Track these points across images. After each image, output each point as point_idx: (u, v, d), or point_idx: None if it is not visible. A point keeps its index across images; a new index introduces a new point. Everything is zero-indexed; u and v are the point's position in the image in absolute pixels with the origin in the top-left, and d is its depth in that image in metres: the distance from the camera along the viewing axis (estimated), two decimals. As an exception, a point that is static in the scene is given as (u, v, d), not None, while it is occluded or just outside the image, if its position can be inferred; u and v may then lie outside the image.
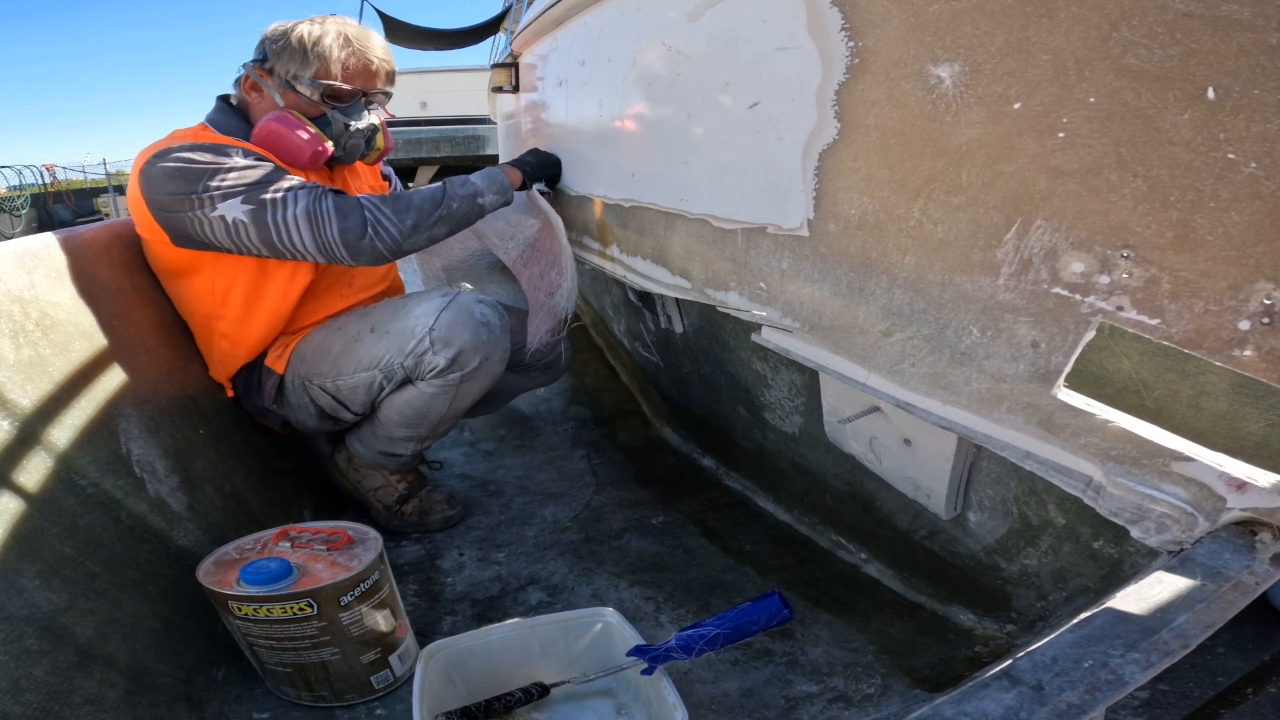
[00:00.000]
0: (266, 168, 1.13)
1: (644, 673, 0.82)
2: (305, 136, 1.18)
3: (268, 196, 1.10)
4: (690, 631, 0.83)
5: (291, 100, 1.20)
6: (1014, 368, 0.60)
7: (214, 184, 1.08)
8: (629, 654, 0.84)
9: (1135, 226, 0.49)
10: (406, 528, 1.38)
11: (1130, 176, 0.49)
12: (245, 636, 0.89)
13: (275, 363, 1.26)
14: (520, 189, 1.34)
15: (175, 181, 1.08)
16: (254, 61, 1.23)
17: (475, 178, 1.26)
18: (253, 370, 1.28)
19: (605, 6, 1.12)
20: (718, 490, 1.52)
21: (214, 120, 1.22)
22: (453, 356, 1.18)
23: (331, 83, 1.18)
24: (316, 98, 1.19)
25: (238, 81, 1.25)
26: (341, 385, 1.23)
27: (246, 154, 1.13)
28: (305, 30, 1.19)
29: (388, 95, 1.29)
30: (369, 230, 1.13)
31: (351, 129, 1.24)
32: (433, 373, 1.19)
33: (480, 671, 0.89)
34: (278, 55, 1.19)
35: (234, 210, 1.09)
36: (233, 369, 1.27)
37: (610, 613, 0.92)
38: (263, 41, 1.23)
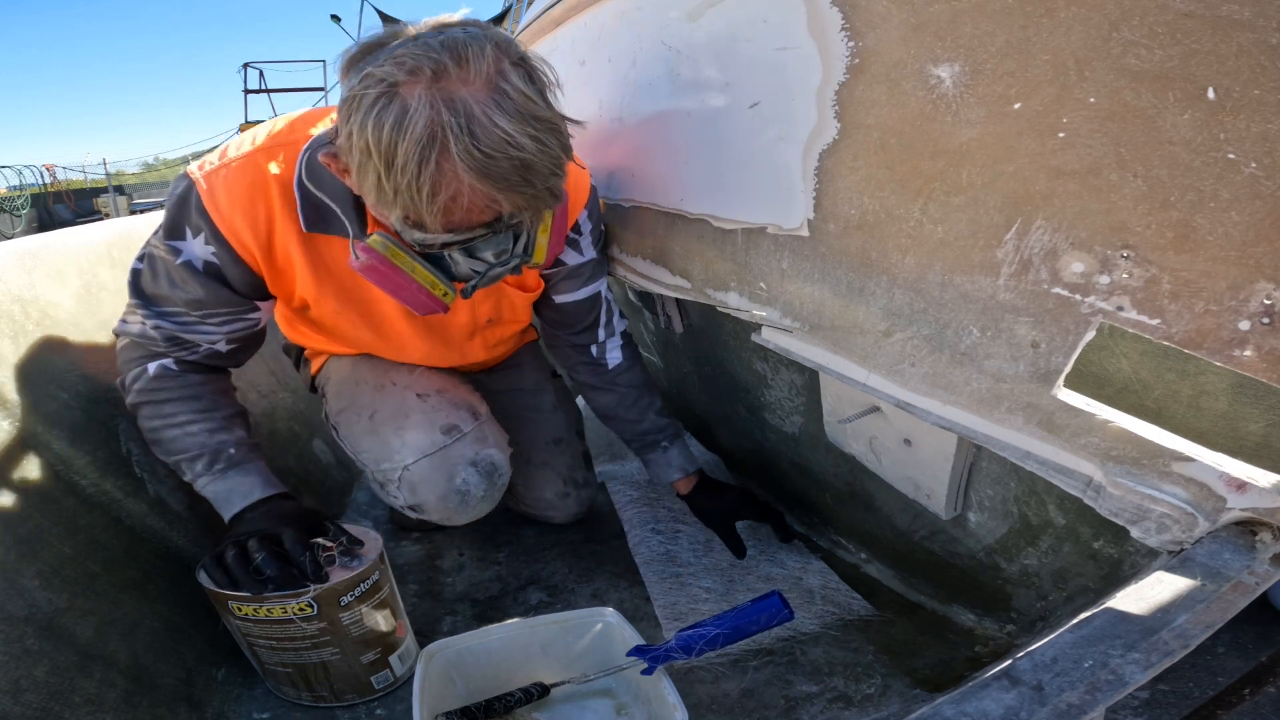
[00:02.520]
0: (193, 282, 0.87)
1: (644, 673, 0.82)
2: (408, 294, 0.84)
3: (153, 301, 0.90)
4: (690, 631, 0.83)
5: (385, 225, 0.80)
6: (1014, 368, 0.60)
7: (153, 241, 0.89)
8: (629, 654, 0.84)
9: (1135, 226, 0.49)
10: (407, 526, 1.38)
11: (1130, 176, 0.49)
12: (245, 637, 0.89)
13: (314, 357, 1.19)
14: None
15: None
16: (327, 142, 0.78)
17: (222, 485, 0.92)
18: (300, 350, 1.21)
19: (605, 7, 1.12)
20: (718, 490, 1.52)
21: (313, 166, 0.84)
22: (414, 505, 1.05)
23: (431, 238, 0.74)
24: (415, 248, 0.79)
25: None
26: (336, 426, 1.11)
27: (209, 243, 0.85)
28: (375, 131, 0.66)
29: (525, 216, 0.76)
30: (123, 377, 0.93)
31: (489, 266, 0.81)
32: (394, 500, 1.06)
33: (480, 671, 0.89)
34: (349, 153, 0.71)
35: (134, 264, 0.91)
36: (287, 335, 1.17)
37: (610, 613, 0.92)
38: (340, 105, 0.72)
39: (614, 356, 1.18)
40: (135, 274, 0.91)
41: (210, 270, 0.88)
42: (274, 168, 0.85)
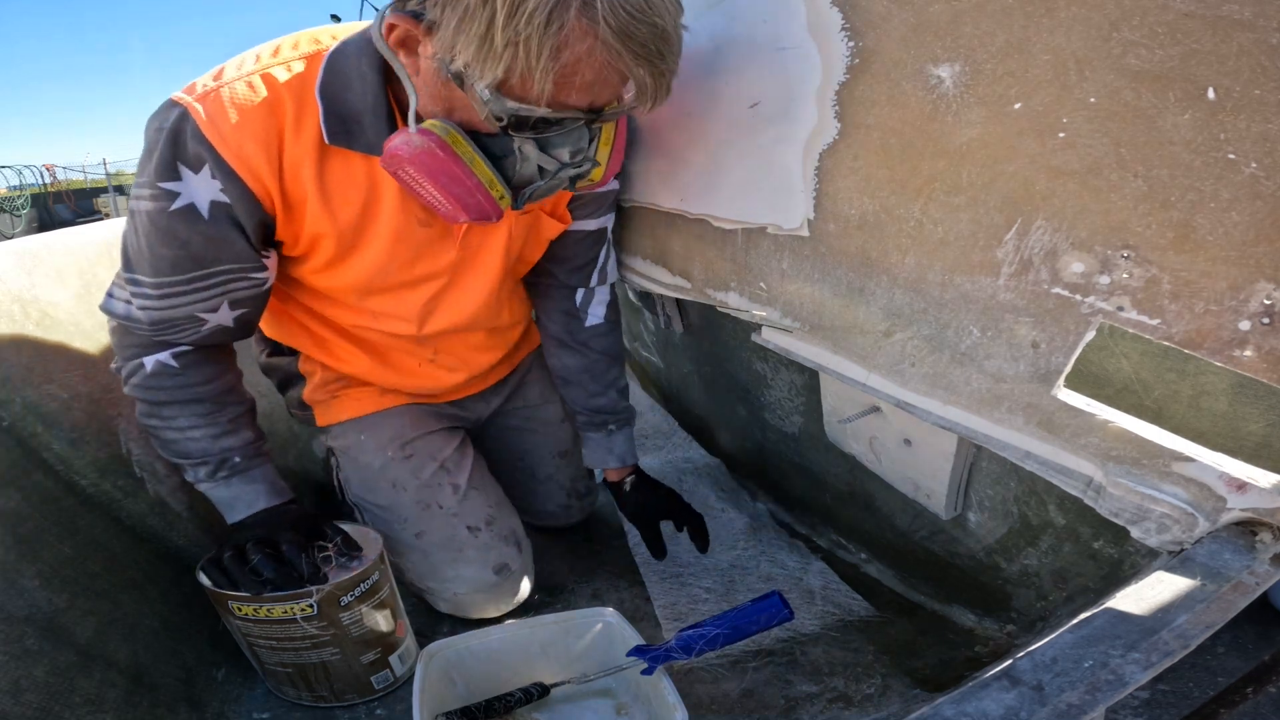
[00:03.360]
0: (199, 234, 0.75)
1: (644, 673, 0.82)
2: (465, 189, 0.72)
3: (143, 270, 0.78)
4: (690, 631, 0.83)
5: (453, 101, 0.69)
6: (1014, 368, 0.60)
7: (139, 193, 0.76)
8: (629, 654, 0.84)
9: (1135, 226, 0.49)
10: None
11: (1130, 176, 0.49)
12: (245, 637, 0.89)
13: (316, 404, 1.08)
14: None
15: (142, 151, 0.77)
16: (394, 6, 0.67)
17: (226, 491, 0.90)
18: (289, 369, 1.09)
19: (605, 6, 1.12)
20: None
21: (333, 72, 0.73)
22: (451, 613, 1.08)
23: (527, 110, 0.64)
24: (497, 122, 0.66)
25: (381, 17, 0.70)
26: (360, 509, 1.08)
27: (215, 176, 0.73)
28: None
29: (647, 99, 0.68)
30: (116, 366, 0.87)
31: (547, 172, 0.73)
32: (429, 599, 1.08)
33: (480, 671, 0.89)
34: (438, 5, 0.62)
35: (125, 226, 0.80)
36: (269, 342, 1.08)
37: (610, 613, 0.92)
38: None
39: (596, 313, 1.11)
40: (124, 240, 0.80)
41: (218, 212, 0.74)
42: (283, 73, 0.73)
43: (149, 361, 0.84)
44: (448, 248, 0.89)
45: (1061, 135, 0.51)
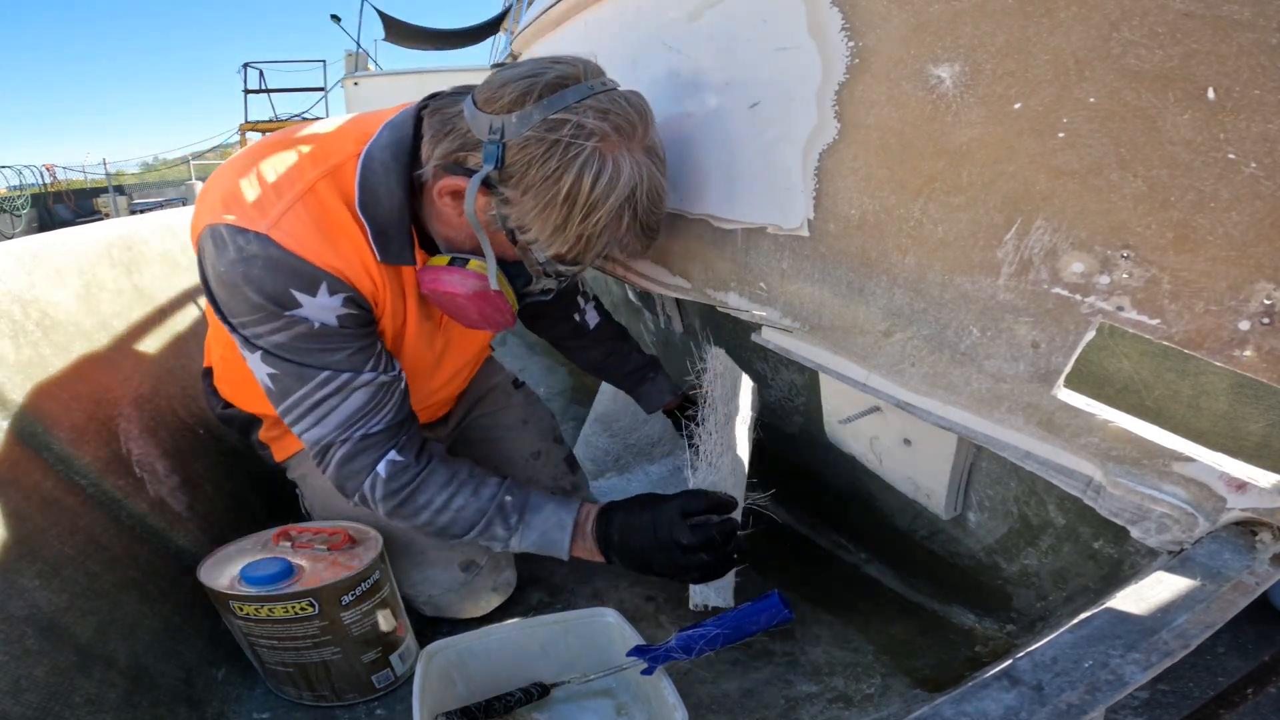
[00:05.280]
0: (337, 342, 0.80)
1: (644, 673, 0.82)
2: (500, 316, 0.86)
3: (306, 393, 0.81)
4: (690, 631, 0.83)
5: (495, 240, 0.80)
6: (1014, 368, 0.60)
7: (259, 331, 0.79)
8: (629, 654, 0.84)
9: (1135, 226, 0.49)
10: None
11: (1130, 176, 0.49)
12: (246, 636, 0.89)
13: (272, 441, 1.08)
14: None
15: (223, 289, 0.78)
16: (457, 157, 0.76)
17: (533, 532, 0.90)
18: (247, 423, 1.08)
19: (605, 7, 1.12)
20: (718, 490, 1.52)
21: (367, 188, 0.79)
22: (436, 616, 1.09)
23: (570, 268, 0.81)
24: (543, 267, 0.81)
25: (428, 168, 0.78)
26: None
27: (333, 292, 0.78)
28: (591, 182, 0.72)
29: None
30: (357, 496, 0.87)
31: (555, 288, 0.92)
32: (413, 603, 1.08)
33: (480, 671, 0.89)
34: (519, 185, 0.73)
35: (261, 369, 0.82)
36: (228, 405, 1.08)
37: (610, 613, 0.92)
38: (493, 129, 0.73)
39: (593, 318, 1.27)
40: (271, 380, 0.81)
41: (347, 318, 0.80)
42: (328, 191, 0.79)
43: (381, 468, 0.85)
44: (439, 332, 0.99)
45: (1061, 135, 0.51)
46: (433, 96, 0.85)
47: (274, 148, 0.82)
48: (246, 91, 10.95)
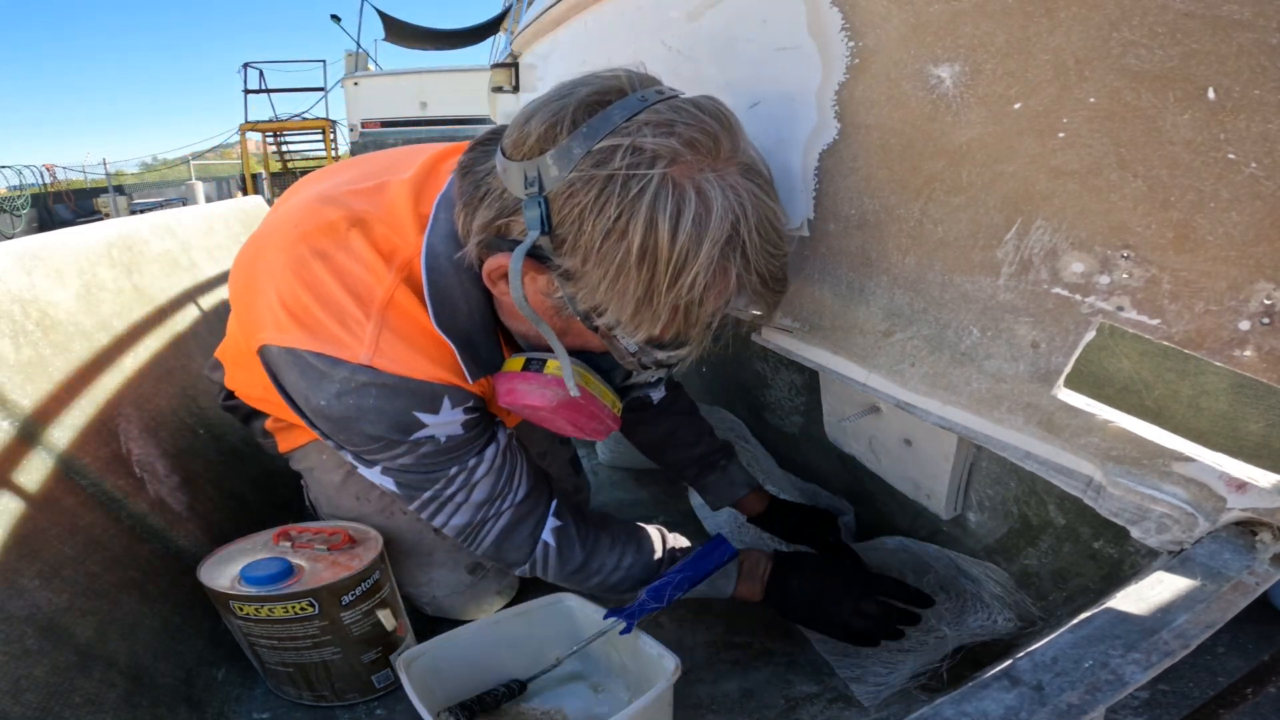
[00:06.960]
0: (459, 439, 0.74)
1: (622, 632, 0.84)
2: (596, 424, 0.75)
3: (437, 490, 0.77)
4: (657, 584, 0.86)
5: (569, 329, 0.66)
6: (1014, 368, 0.60)
7: (379, 458, 0.74)
8: (606, 616, 0.85)
9: (1135, 226, 0.49)
10: None
11: (1130, 176, 0.49)
12: (246, 636, 0.89)
13: (278, 431, 1.04)
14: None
15: (328, 423, 0.72)
16: (497, 227, 0.62)
17: (708, 584, 0.86)
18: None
19: (605, 6, 1.12)
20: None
21: (440, 299, 0.69)
22: (438, 616, 1.06)
23: (674, 354, 0.64)
24: (629, 355, 0.66)
25: (470, 247, 0.66)
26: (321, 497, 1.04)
27: (455, 404, 0.71)
28: (669, 227, 0.54)
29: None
30: (528, 565, 0.84)
31: (648, 379, 0.76)
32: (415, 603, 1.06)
33: (456, 674, 0.89)
34: (577, 250, 0.57)
35: (382, 480, 0.78)
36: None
37: (569, 597, 0.93)
38: (529, 180, 0.58)
39: (658, 393, 1.11)
40: (396, 488, 0.78)
41: (470, 422, 0.75)
42: (407, 300, 0.69)
43: (547, 535, 0.83)
44: None
45: (1061, 135, 0.51)
46: (469, 148, 0.69)
47: (325, 234, 0.69)
48: (246, 91, 10.95)
